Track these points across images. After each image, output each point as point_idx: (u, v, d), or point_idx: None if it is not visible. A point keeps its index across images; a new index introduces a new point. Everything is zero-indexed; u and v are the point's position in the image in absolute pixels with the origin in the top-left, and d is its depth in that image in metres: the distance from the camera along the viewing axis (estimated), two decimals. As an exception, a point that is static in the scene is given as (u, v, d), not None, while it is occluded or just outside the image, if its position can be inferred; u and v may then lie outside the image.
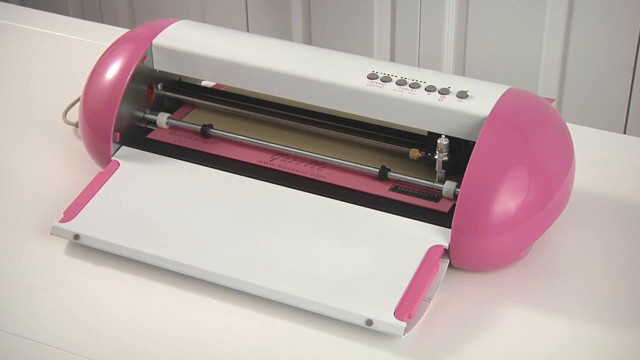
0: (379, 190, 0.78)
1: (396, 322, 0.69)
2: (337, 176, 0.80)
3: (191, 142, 0.84)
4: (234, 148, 0.83)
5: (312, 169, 0.81)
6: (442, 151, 0.77)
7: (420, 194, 0.77)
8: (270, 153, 0.82)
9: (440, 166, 0.77)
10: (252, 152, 0.82)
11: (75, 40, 1.09)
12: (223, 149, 0.83)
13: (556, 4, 1.49)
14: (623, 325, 0.71)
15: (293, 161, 0.81)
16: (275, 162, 0.81)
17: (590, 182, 0.83)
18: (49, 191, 0.84)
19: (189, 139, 0.84)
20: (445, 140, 0.76)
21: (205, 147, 0.83)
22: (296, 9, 1.67)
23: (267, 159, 0.82)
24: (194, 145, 0.83)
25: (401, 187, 0.78)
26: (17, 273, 0.75)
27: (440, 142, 0.76)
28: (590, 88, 1.54)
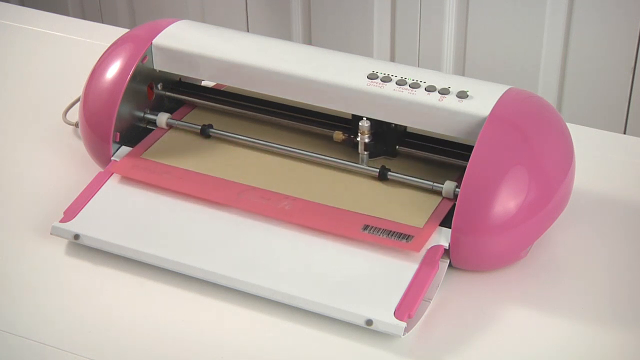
0: (351, 230, 0.74)
1: (396, 322, 0.69)
2: (304, 215, 0.75)
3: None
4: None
5: (279, 207, 0.76)
6: (364, 133, 0.79)
7: (392, 233, 0.74)
8: (237, 189, 0.78)
9: (362, 148, 0.80)
10: (219, 188, 0.79)
11: (75, 40, 1.09)
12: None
13: (556, 4, 1.49)
14: (623, 325, 0.71)
15: (260, 199, 0.77)
16: (242, 199, 0.77)
17: (590, 182, 0.83)
18: (49, 191, 0.84)
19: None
20: (366, 123, 0.79)
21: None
22: (296, 9, 1.67)
23: (233, 195, 0.78)
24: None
25: (373, 226, 0.74)
26: (17, 273, 0.75)
27: (362, 124, 0.79)
28: (590, 88, 1.54)
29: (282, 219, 0.76)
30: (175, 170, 0.80)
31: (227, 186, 0.79)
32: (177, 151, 0.83)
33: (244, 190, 0.78)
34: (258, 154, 0.83)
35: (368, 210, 0.76)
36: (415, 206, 0.77)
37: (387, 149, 0.81)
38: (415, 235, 0.73)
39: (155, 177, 0.80)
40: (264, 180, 0.79)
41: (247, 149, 0.83)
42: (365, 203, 0.78)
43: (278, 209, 0.76)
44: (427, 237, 0.73)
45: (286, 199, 0.77)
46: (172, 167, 0.80)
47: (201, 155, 0.83)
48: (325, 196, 0.78)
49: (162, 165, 0.81)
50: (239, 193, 0.78)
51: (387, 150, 0.81)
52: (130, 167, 0.81)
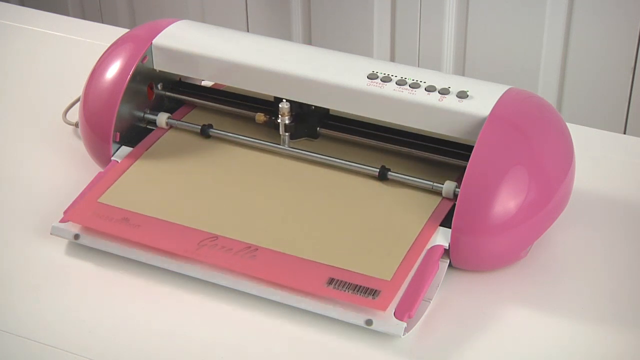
0: (314, 285, 0.70)
1: (396, 322, 0.69)
2: (266, 269, 0.72)
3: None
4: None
5: (241, 260, 0.73)
6: (284, 115, 0.81)
7: (358, 288, 0.70)
8: (198, 237, 0.74)
9: (283, 129, 0.82)
10: (179, 236, 0.75)
11: (75, 40, 1.09)
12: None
13: (556, 4, 1.49)
14: (623, 325, 0.71)
15: (222, 249, 0.73)
16: (202, 250, 0.73)
17: (590, 182, 0.83)
18: (49, 191, 0.84)
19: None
20: (286, 105, 0.81)
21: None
22: (296, 9, 1.67)
23: (194, 245, 0.74)
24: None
25: (338, 279, 0.71)
26: (17, 273, 0.75)
27: (282, 106, 0.81)
28: (590, 88, 1.54)
29: (243, 273, 0.72)
30: (134, 217, 0.76)
31: (187, 234, 0.74)
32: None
33: (205, 239, 0.74)
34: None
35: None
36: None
37: (308, 130, 0.83)
38: (382, 290, 0.69)
39: (112, 225, 0.75)
40: (235, 218, 0.76)
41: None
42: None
43: (239, 261, 0.72)
44: (395, 292, 0.69)
45: (248, 248, 0.73)
46: (132, 213, 0.76)
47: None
48: (296, 239, 0.74)
49: (121, 210, 0.77)
50: (200, 242, 0.74)
51: (308, 132, 0.83)
52: (87, 214, 0.77)
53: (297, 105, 0.82)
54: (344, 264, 0.72)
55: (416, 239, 0.74)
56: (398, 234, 0.74)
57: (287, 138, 0.82)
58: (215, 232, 0.74)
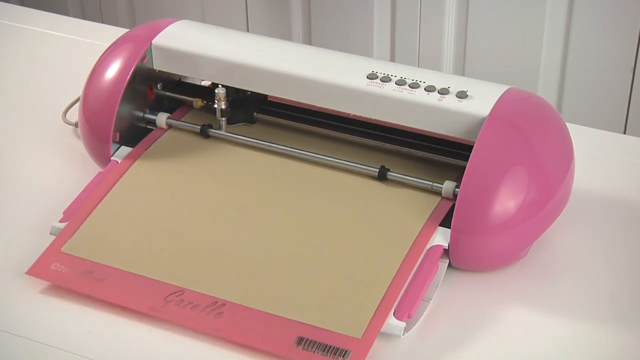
0: (283, 346, 0.68)
1: (396, 322, 0.69)
2: (231, 329, 0.69)
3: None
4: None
5: (207, 318, 0.70)
6: (220, 100, 0.83)
7: (328, 348, 0.67)
8: (164, 292, 0.71)
9: (219, 114, 0.84)
10: (144, 291, 0.71)
11: (75, 40, 1.09)
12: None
13: (556, 4, 1.49)
14: (623, 325, 0.71)
15: (188, 305, 0.70)
16: (168, 307, 0.70)
17: (590, 182, 0.83)
18: (49, 191, 0.84)
19: None
20: (222, 90, 0.83)
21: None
22: (296, 9, 1.67)
23: (159, 302, 0.71)
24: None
25: (308, 338, 0.68)
26: (17, 273, 0.75)
27: (217, 91, 0.83)
28: (590, 88, 1.54)
29: (208, 333, 0.69)
30: (98, 269, 0.73)
31: (153, 288, 0.71)
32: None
33: (171, 294, 0.71)
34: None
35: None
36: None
37: (245, 115, 0.85)
38: (353, 351, 0.67)
39: (76, 280, 0.72)
40: (206, 261, 0.73)
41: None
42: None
43: (206, 320, 0.69)
44: (366, 351, 0.67)
45: (215, 304, 0.70)
46: (96, 265, 0.73)
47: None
48: (266, 288, 0.71)
49: (85, 262, 0.74)
50: (166, 298, 0.71)
51: (245, 117, 0.85)
52: (49, 266, 0.74)
53: (233, 91, 0.84)
54: (315, 320, 0.69)
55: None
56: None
57: (223, 123, 0.84)
58: (181, 285, 0.71)
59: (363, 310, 0.69)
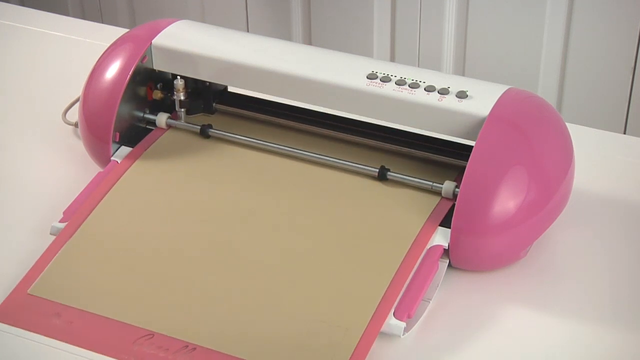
0: None
1: (396, 322, 0.69)
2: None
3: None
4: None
5: (182, 356, 0.67)
6: (179, 91, 0.84)
7: None
8: (133, 336, 0.69)
9: (178, 105, 0.85)
10: (113, 335, 0.69)
11: (75, 40, 1.09)
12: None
13: (556, 4, 1.49)
14: (623, 325, 0.71)
15: (157, 350, 0.68)
16: (137, 350, 0.68)
17: (590, 182, 0.83)
18: (49, 191, 0.84)
19: None
20: (181, 81, 0.84)
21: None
22: (296, 9, 1.67)
23: (128, 345, 0.68)
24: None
25: None
26: (17, 273, 0.75)
27: (176, 82, 0.84)
28: (590, 88, 1.54)
29: None
30: (66, 312, 0.70)
31: (122, 331, 0.69)
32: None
33: (141, 337, 0.68)
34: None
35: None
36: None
37: (205, 106, 0.86)
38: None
39: (42, 322, 0.70)
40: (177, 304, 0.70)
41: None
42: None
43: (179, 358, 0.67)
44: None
45: (185, 347, 0.68)
46: (63, 307, 0.71)
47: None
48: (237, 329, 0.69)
49: (52, 304, 0.71)
50: (135, 342, 0.68)
51: (205, 107, 0.86)
52: (15, 309, 0.71)
53: (191, 81, 0.85)
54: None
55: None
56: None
57: (183, 114, 0.85)
58: (151, 329, 0.69)
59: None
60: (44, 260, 0.74)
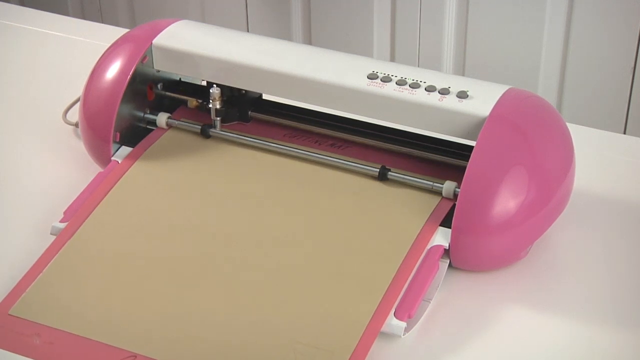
0: None
1: (396, 322, 0.69)
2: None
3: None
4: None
5: None
6: (214, 100, 0.83)
7: None
8: (116, 357, 0.67)
9: (214, 114, 0.84)
10: (94, 358, 0.67)
11: (75, 40, 1.09)
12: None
13: (556, 4, 1.49)
14: (623, 325, 0.71)
15: None
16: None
17: (590, 182, 0.83)
18: (49, 191, 0.84)
19: None
20: (217, 90, 0.83)
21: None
22: (296, 9, 1.67)
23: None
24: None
25: None
26: (17, 273, 0.75)
27: (212, 91, 0.83)
28: (590, 88, 1.54)
29: None
30: (46, 332, 0.69)
31: (104, 354, 0.67)
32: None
33: (123, 359, 0.67)
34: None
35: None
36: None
37: (240, 114, 0.85)
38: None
39: (23, 342, 0.68)
40: (162, 324, 0.69)
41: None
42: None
43: None
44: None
45: None
46: (44, 327, 0.69)
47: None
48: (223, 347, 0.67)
49: (33, 324, 0.69)
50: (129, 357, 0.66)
51: (240, 115, 0.85)
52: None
53: (227, 90, 0.84)
54: None
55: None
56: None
57: (218, 122, 0.84)
58: (133, 350, 0.67)
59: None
60: (26, 281, 0.72)
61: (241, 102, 0.85)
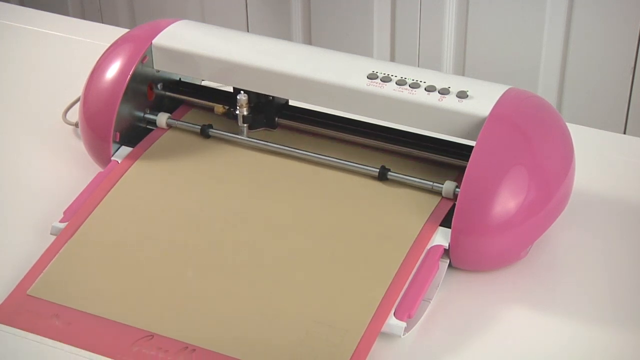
0: None
1: (396, 322, 0.69)
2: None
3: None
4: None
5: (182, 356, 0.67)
6: (242, 106, 0.83)
7: None
8: (132, 337, 0.69)
9: (241, 120, 0.83)
10: (112, 335, 0.69)
11: (75, 40, 1.09)
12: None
13: (556, 4, 1.49)
14: (623, 325, 0.71)
15: (157, 351, 0.68)
16: (136, 353, 0.68)
17: (590, 182, 0.83)
18: (49, 191, 0.84)
19: None
20: (244, 96, 0.83)
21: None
22: (296, 9, 1.67)
23: (127, 347, 0.68)
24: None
25: None
26: (17, 273, 0.75)
27: (239, 97, 0.83)
28: (590, 88, 1.54)
29: None
30: (64, 313, 0.70)
31: (121, 333, 0.69)
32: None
33: (140, 339, 0.68)
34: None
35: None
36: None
37: (267, 121, 0.85)
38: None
39: (42, 325, 0.69)
40: (176, 304, 0.70)
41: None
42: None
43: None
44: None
45: (185, 349, 0.67)
46: (62, 308, 0.70)
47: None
48: (237, 332, 0.68)
49: (51, 305, 0.71)
50: (134, 343, 0.68)
51: (267, 122, 0.85)
52: (14, 310, 0.71)
53: (254, 96, 0.83)
54: None
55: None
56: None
57: (245, 129, 0.84)
58: (150, 330, 0.69)
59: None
60: (43, 261, 0.74)
61: (268, 109, 0.85)
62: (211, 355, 0.67)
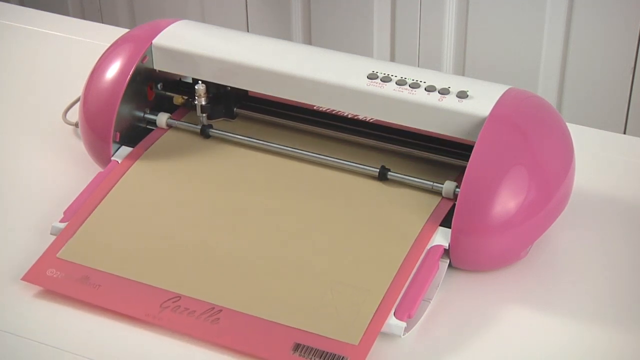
0: (280, 354, 0.67)
1: (396, 322, 0.69)
2: (228, 335, 0.68)
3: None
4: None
5: (204, 324, 0.69)
6: (200, 96, 0.84)
7: (325, 355, 0.67)
8: (160, 298, 0.71)
9: (199, 110, 0.84)
10: (140, 297, 0.71)
11: (75, 40, 1.09)
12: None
13: (556, 4, 1.49)
14: (623, 325, 0.71)
15: (185, 312, 0.70)
16: (164, 314, 0.70)
17: (590, 182, 0.83)
18: (49, 191, 0.84)
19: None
20: (202, 86, 0.83)
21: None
22: (296, 9, 1.67)
23: (155, 308, 0.70)
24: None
25: (304, 345, 0.68)
26: (17, 272, 0.75)
27: (197, 87, 0.83)
28: (590, 88, 1.54)
29: (204, 340, 0.69)
30: (94, 275, 0.73)
31: (149, 294, 0.71)
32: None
33: (168, 300, 0.70)
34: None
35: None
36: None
37: (225, 111, 0.86)
38: (349, 357, 0.66)
39: (71, 286, 0.72)
40: (203, 266, 0.73)
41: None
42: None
43: (202, 327, 0.69)
44: (366, 353, 0.67)
45: (212, 309, 0.70)
46: (92, 270, 0.73)
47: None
48: (263, 292, 0.71)
49: (81, 267, 0.73)
50: (162, 304, 0.70)
51: (225, 112, 0.86)
52: (44, 272, 0.73)
53: (213, 86, 0.84)
54: (312, 326, 0.68)
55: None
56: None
57: (204, 119, 0.85)
58: (178, 292, 0.71)
59: (362, 310, 0.69)
60: (75, 223, 0.76)
61: (227, 99, 0.86)
62: (237, 315, 0.69)
